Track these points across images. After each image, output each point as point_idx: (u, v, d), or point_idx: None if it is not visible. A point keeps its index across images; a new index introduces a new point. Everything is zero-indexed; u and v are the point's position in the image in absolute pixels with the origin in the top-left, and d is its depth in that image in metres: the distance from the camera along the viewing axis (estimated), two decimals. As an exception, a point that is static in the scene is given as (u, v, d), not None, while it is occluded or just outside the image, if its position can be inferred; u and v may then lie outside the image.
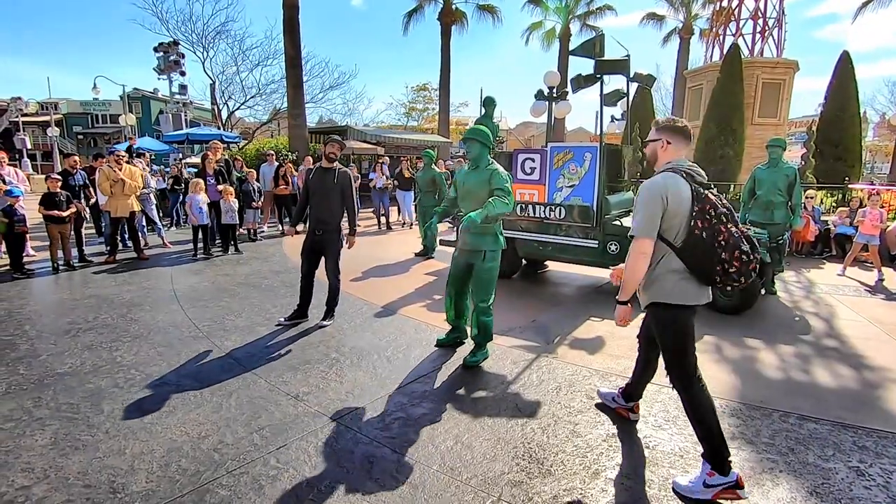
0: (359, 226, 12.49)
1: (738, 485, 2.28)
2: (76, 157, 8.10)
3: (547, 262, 7.25)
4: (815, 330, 4.85)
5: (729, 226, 2.28)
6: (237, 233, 8.57)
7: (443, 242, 7.56)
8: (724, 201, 2.35)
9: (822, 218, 9.12)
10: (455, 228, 4.10)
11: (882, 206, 7.60)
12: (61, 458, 2.58)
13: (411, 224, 11.57)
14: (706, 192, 2.33)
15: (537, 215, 6.22)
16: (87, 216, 8.35)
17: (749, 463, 2.61)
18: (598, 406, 3.21)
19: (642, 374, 2.94)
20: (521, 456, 2.65)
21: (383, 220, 11.68)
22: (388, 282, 6.58)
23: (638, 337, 2.95)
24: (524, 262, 6.88)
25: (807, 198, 8.83)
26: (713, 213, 2.27)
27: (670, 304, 2.40)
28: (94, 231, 9.76)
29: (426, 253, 8.28)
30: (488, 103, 7.66)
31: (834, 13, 68.88)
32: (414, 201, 11.03)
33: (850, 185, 11.22)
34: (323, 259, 4.75)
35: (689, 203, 2.29)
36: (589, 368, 3.81)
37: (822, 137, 13.43)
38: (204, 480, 2.40)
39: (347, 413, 3.08)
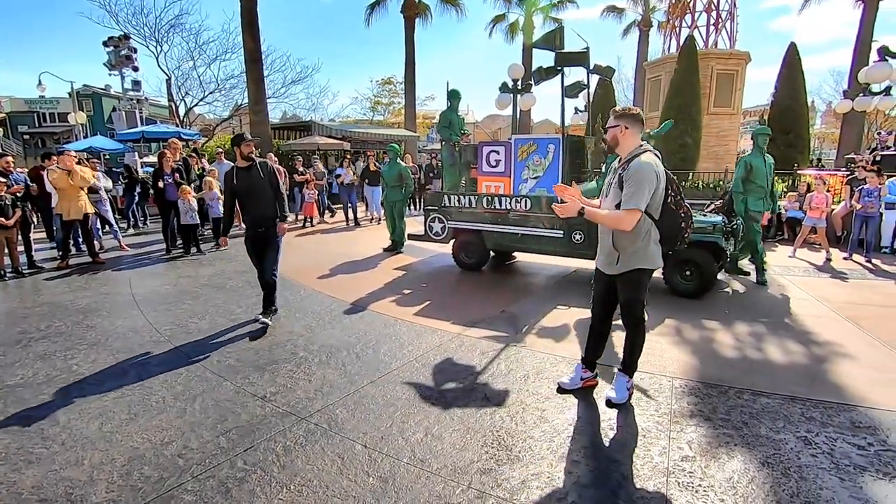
0: (327, 222, 12.37)
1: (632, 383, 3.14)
2: (10, 157, 7.39)
3: (515, 253, 7.34)
4: (769, 309, 5.09)
5: (684, 201, 2.85)
6: (199, 233, 8.33)
7: (411, 237, 7.56)
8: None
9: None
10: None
11: (828, 191, 8.01)
12: (13, 472, 2.47)
13: (379, 219, 11.50)
14: (667, 171, 2.81)
15: (503, 207, 6.29)
16: (35, 220, 7.93)
17: (706, 438, 2.73)
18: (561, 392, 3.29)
19: (602, 335, 3.26)
20: (490, 444, 2.70)
21: (351, 215, 11.56)
22: (356, 278, 6.53)
23: (592, 311, 3.26)
24: (492, 253, 6.95)
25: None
26: (678, 190, 2.83)
27: (649, 268, 2.89)
28: (44, 235, 9.30)
29: (395, 248, 8.25)
30: (453, 96, 7.68)
31: (785, 6, 71.76)
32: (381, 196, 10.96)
33: (798, 171, 11.75)
34: (263, 255, 4.63)
35: (665, 181, 2.78)
36: (556, 356, 3.89)
37: (773, 126, 13.98)
38: (168, 487, 2.35)
39: (317, 411, 3.05)
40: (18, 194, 6.97)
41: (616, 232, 2.84)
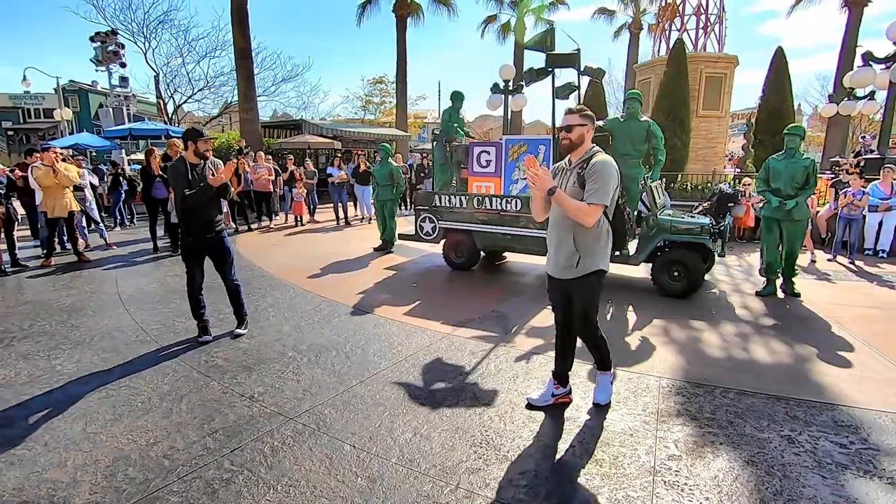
0: (317, 222, 12.28)
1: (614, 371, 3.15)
2: None
3: (505, 254, 7.36)
4: (754, 310, 5.15)
5: (625, 203, 2.92)
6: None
7: (402, 237, 7.55)
8: None
9: (760, 204, 9.64)
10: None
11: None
12: (-6, 474, 2.43)
13: (370, 219, 11.47)
14: None
15: (494, 207, 6.30)
16: (19, 218, 7.80)
17: (693, 437, 2.76)
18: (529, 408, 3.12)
19: (569, 345, 3.12)
20: (479, 444, 2.70)
21: (341, 214, 11.52)
22: (346, 277, 6.50)
23: (556, 320, 3.10)
24: (483, 253, 6.96)
25: (744, 185, 9.35)
26: (622, 192, 2.99)
27: (605, 270, 2.89)
28: (29, 233, 9.15)
29: (385, 247, 8.24)
30: (456, 97, 7.72)
31: (773, 10, 72.44)
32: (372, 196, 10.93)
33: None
34: (216, 265, 4.27)
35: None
36: (545, 356, 3.90)
37: (761, 128, 14.21)
38: (153, 488, 2.32)
39: (305, 412, 3.04)
40: (2, 180, 6.82)
41: (578, 232, 2.76)
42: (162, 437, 2.75)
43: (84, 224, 8.32)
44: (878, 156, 9.22)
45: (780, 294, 5.63)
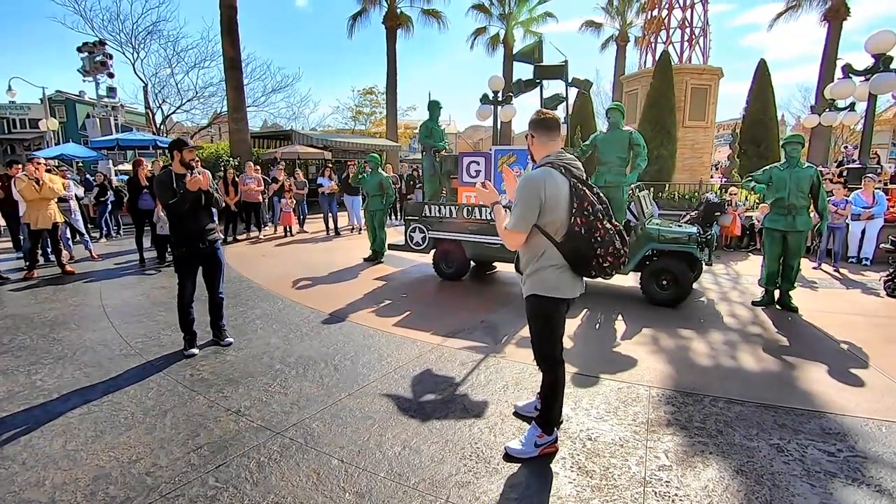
0: (307, 232, 12.20)
1: (556, 439, 2.74)
2: None
3: (495, 263, 7.36)
4: (742, 318, 5.19)
5: (605, 223, 2.39)
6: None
7: (392, 247, 7.53)
8: (602, 198, 2.47)
9: (747, 213, 9.78)
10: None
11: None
12: (-31, 495, 2.35)
13: (360, 229, 11.45)
14: (584, 188, 2.40)
15: (483, 218, 6.31)
16: (0, 229, 7.67)
17: (682, 447, 2.76)
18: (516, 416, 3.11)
19: None
20: (469, 456, 2.68)
21: (331, 224, 11.47)
22: (336, 288, 6.46)
23: None
24: (473, 263, 6.96)
25: (731, 194, 9.48)
26: (591, 210, 2.36)
27: (548, 296, 2.49)
28: (10, 244, 8.98)
29: (375, 258, 8.21)
30: (433, 107, 7.72)
31: (755, 23, 74.26)
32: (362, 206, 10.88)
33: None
34: (207, 277, 4.25)
35: (568, 198, 2.37)
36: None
37: (745, 138, 14.47)
38: (134, 507, 2.26)
39: (292, 426, 2.99)
40: None
41: (519, 252, 2.60)
42: (145, 454, 2.68)
43: (69, 236, 8.20)
44: (860, 165, 9.40)
45: (777, 308, 5.52)
